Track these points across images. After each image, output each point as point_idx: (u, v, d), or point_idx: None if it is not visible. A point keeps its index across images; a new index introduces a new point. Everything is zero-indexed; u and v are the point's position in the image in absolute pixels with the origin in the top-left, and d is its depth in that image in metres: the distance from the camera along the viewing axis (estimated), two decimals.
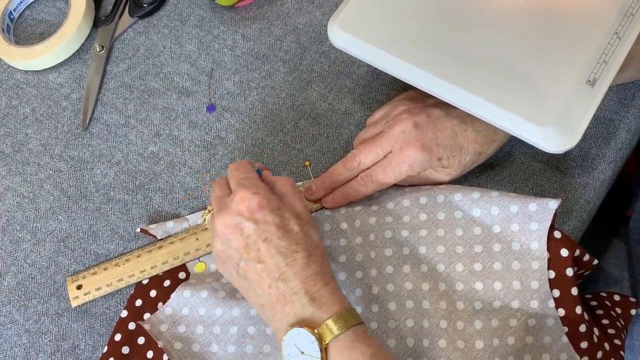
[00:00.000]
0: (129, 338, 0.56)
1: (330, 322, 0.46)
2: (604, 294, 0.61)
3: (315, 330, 0.45)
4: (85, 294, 0.58)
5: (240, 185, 0.50)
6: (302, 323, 0.46)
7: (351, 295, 0.55)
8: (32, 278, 0.60)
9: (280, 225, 0.48)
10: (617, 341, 0.56)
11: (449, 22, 0.54)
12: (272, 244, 0.48)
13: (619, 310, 0.59)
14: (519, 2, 0.54)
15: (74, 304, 0.58)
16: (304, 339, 0.45)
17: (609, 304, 0.60)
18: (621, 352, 0.55)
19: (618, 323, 0.58)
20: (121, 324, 0.57)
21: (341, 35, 0.54)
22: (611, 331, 0.57)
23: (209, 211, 0.55)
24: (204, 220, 0.56)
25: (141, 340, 0.56)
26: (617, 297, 0.60)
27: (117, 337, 0.56)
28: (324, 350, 0.45)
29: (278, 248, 0.48)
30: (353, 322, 0.46)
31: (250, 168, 0.52)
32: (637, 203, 0.69)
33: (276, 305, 0.47)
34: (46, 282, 0.60)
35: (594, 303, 0.60)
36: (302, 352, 0.45)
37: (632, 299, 0.60)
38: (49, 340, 0.58)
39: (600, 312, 0.59)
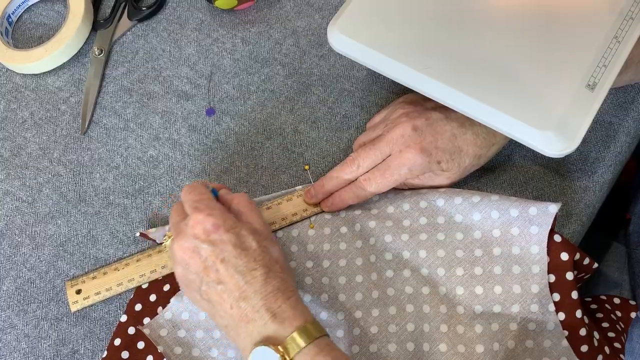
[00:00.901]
0: (129, 343, 0.56)
1: (293, 337, 0.46)
2: (603, 297, 0.61)
3: (279, 347, 0.46)
4: (85, 298, 0.58)
5: (194, 208, 0.50)
6: (266, 341, 0.46)
7: (351, 299, 0.55)
8: (31, 282, 0.60)
9: (236, 244, 0.48)
10: (617, 344, 0.56)
11: (449, 26, 0.54)
12: (230, 263, 0.48)
13: (619, 314, 0.60)
14: (518, 6, 0.54)
15: (73, 308, 0.58)
16: (269, 356, 0.45)
17: (609, 307, 0.60)
18: (621, 356, 0.55)
19: (618, 326, 0.58)
20: (121, 329, 0.56)
21: (341, 38, 0.54)
22: (611, 334, 0.57)
23: (169, 237, 0.54)
24: (165, 247, 0.56)
25: (141, 344, 0.56)
26: (617, 300, 0.60)
27: (117, 341, 0.56)
28: None
29: (236, 267, 0.48)
30: (316, 335, 0.46)
31: (204, 189, 0.52)
32: (637, 206, 0.69)
33: (239, 324, 0.47)
34: (45, 287, 0.60)
35: (594, 306, 0.60)
36: None
37: (632, 302, 0.60)
38: (48, 345, 0.58)
39: (600, 315, 0.59)
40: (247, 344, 0.47)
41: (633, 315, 0.59)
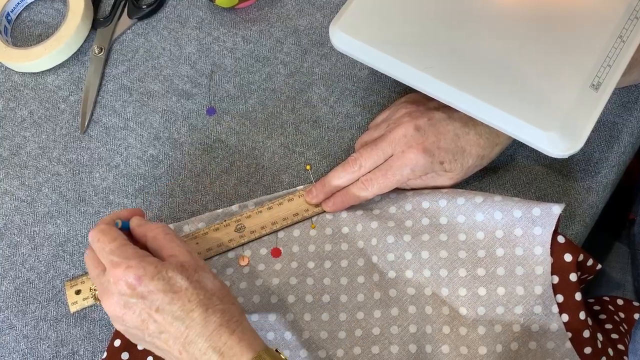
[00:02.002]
0: (129, 343, 0.55)
1: None
2: (607, 298, 0.61)
3: None
4: (84, 298, 0.57)
5: (110, 262, 0.47)
6: None
7: (353, 300, 0.55)
8: (30, 283, 0.60)
9: (166, 289, 0.46)
10: (620, 346, 0.56)
11: (452, 25, 0.53)
12: (165, 311, 0.46)
13: (622, 315, 0.59)
14: (522, 5, 0.53)
15: (72, 309, 0.57)
16: None
17: (612, 309, 0.60)
18: (625, 358, 0.55)
19: (621, 327, 0.58)
20: None
21: (343, 38, 0.53)
22: (614, 336, 0.56)
23: (95, 290, 0.53)
24: (94, 299, 0.55)
25: (140, 346, 0.55)
26: (620, 302, 0.60)
27: (117, 342, 0.55)
28: None
29: (173, 313, 0.46)
30: None
31: (113, 233, 0.49)
32: None
33: None
34: (44, 287, 0.59)
35: (597, 307, 0.60)
36: None
37: (636, 303, 0.60)
38: (48, 346, 0.57)
39: (603, 316, 0.59)
40: None
41: (637, 316, 0.59)
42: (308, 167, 0.62)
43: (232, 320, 0.47)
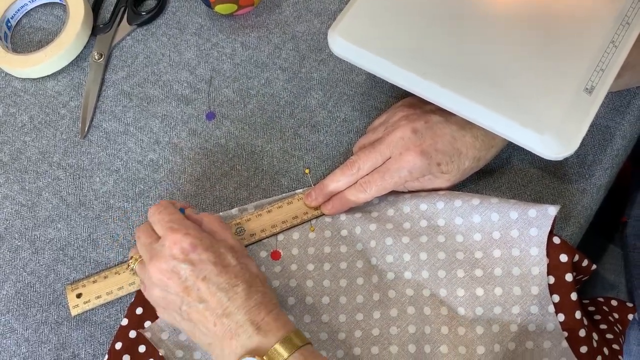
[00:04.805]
0: (130, 346, 0.56)
1: (277, 347, 0.46)
2: (601, 299, 0.61)
3: (264, 357, 0.46)
4: (85, 302, 0.58)
5: (169, 228, 0.50)
6: (251, 353, 0.47)
7: (352, 301, 0.55)
8: (31, 287, 0.60)
9: (216, 261, 0.49)
10: (615, 346, 0.56)
11: (449, 31, 0.54)
12: (211, 281, 0.48)
13: (616, 316, 0.60)
14: (517, 11, 0.55)
15: (73, 312, 0.58)
16: None
17: (607, 309, 0.60)
18: (620, 357, 0.56)
19: (616, 328, 0.58)
20: (122, 333, 0.56)
21: (342, 43, 0.54)
22: (609, 336, 0.57)
23: (136, 259, 0.54)
24: (132, 269, 0.55)
25: (142, 348, 0.55)
26: (614, 303, 0.61)
27: (118, 345, 0.56)
28: None
29: (218, 284, 0.48)
30: (299, 344, 0.47)
31: (173, 209, 0.52)
32: (634, 209, 0.70)
33: (223, 340, 0.48)
34: (45, 291, 0.60)
35: (591, 308, 0.61)
36: None
37: (629, 304, 0.61)
38: (49, 350, 0.57)
39: (598, 317, 0.59)
40: (232, 358, 0.47)
41: (630, 317, 0.60)
42: (307, 170, 0.63)
43: (270, 302, 0.49)
